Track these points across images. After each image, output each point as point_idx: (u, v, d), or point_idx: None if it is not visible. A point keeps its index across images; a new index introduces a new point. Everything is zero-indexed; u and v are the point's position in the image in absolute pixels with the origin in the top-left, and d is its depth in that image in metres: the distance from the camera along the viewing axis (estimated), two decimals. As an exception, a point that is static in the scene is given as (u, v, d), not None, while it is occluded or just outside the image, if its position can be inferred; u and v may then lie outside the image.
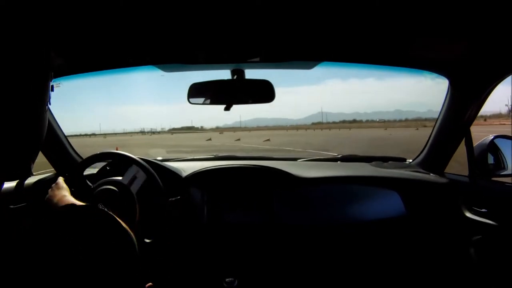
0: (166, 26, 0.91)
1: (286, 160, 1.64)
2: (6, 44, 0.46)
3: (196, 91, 1.23)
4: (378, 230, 1.33)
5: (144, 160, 1.22)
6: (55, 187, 1.00)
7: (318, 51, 1.14)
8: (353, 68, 1.30)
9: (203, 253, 1.32)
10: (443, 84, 1.29)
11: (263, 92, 1.23)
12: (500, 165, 1.25)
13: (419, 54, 1.13)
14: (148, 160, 1.28)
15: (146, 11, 0.82)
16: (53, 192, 0.98)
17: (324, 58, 1.21)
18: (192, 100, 1.24)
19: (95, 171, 1.30)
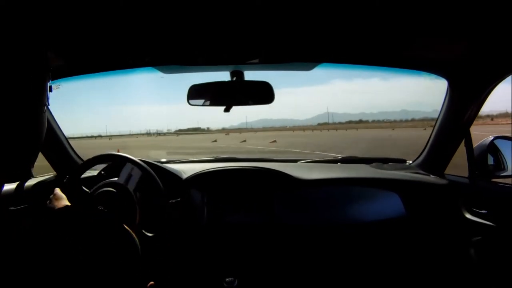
0: (166, 28, 0.92)
1: (286, 162, 1.65)
2: (3, 44, 0.46)
3: (196, 93, 1.24)
4: (378, 232, 1.33)
5: (145, 162, 1.23)
6: (53, 198, 1.00)
7: (317, 52, 1.15)
8: (357, 69, 1.30)
9: (204, 253, 1.33)
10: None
11: (262, 94, 1.24)
12: (500, 166, 1.24)
13: (418, 55, 1.13)
14: (148, 162, 1.28)
15: (146, 13, 0.82)
16: (52, 203, 0.98)
17: (323, 60, 1.22)
18: (191, 101, 1.25)
19: (95, 173, 1.32)
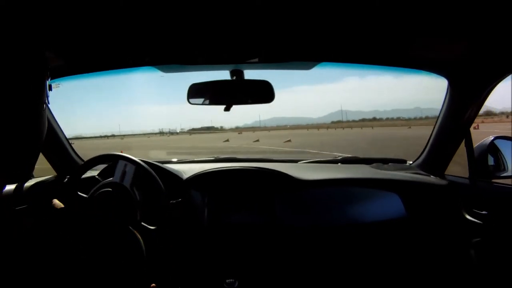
0: (166, 27, 0.92)
1: (286, 162, 1.65)
2: (2, 42, 0.46)
3: (196, 92, 1.24)
4: (379, 232, 1.33)
5: (145, 163, 1.23)
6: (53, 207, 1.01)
7: (317, 51, 1.15)
8: (359, 68, 1.28)
9: (204, 254, 1.32)
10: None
11: (262, 93, 1.24)
12: (500, 166, 1.24)
13: (418, 55, 1.13)
14: (149, 162, 1.29)
15: (146, 12, 0.82)
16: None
17: (323, 59, 1.22)
18: (191, 100, 1.25)
19: (96, 173, 1.32)
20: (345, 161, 1.66)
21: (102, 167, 1.35)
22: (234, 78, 1.25)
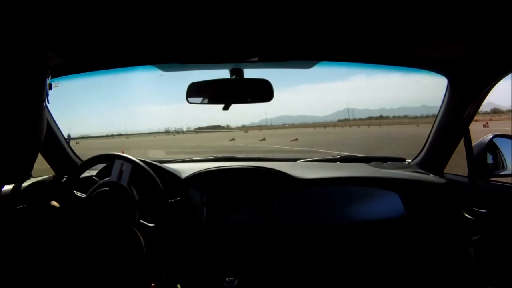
0: (165, 26, 0.92)
1: (285, 161, 1.65)
2: (3, 41, 0.46)
3: (195, 91, 1.24)
4: (378, 231, 1.33)
5: (143, 162, 1.23)
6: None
7: (317, 50, 1.14)
8: (358, 67, 1.28)
9: (203, 253, 1.32)
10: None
11: (261, 92, 1.23)
12: (499, 164, 1.24)
13: (418, 54, 1.13)
14: (147, 162, 1.28)
15: (146, 11, 0.82)
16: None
17: (323, 58, 1.21)
18: (190, 99, 1.24)
19: (94, 173, 1.32)
20: (344, 159, 1.66)
21: (100, 167, 1.34)
22: (234, 77, 1.25)
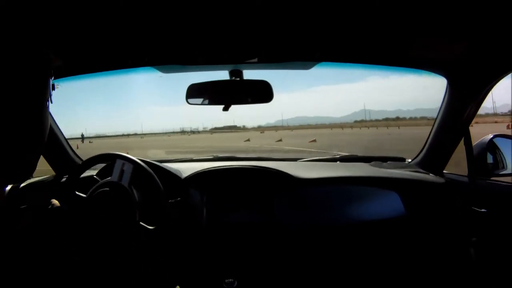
0: (165, 28, 0.92)
1: (285, 161, 1.65)
2: (5, 42, 0.46)
3: (195, 92, 1.24)
4: (378, 230, 1.33)
5: (144, 162, 1.23)
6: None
7: (316, 51, 1.14)
8: (357, 67, 1.28)
9: (203, 253, 1.32)
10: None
11: (261, 92, 1.24)
12: (499, 164, 1.24)
13: (418, 54, 1.13)
14: (147, 162, 1.28)
15: (145, 12, 0.82)
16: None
17: (323, 59, 1.21)
18: (190, 100, 1.25)
19: (94, 172, 1.32)
20: (344, 159, 1.67)
21: (100, 166, 1.35)
22: (233, 78, 1.25)
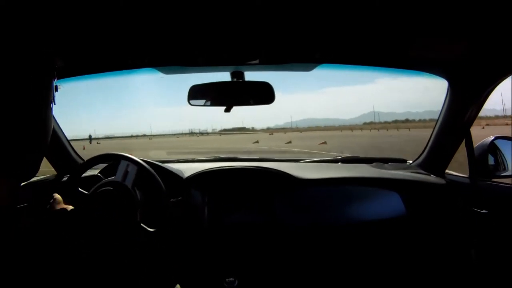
0: (166, 29, 0.92)
1: (287, 162, 1.65)
2: (8, 43, 0.46)
3: (196, 93, 1.24)
4: (379, 231, 1.33)
5: (146, 162, 1.23)
6: (53, 203, 1.01)
7: (317, 53, 1.14)
8: (360, 69, 1.29)
9: (204, 253, 1.33)
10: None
11: (262, 94, 1.24)
12: (500, 166, 1.24)
13: (418, 56, 1.13)
14: (149, 162, 1.29)
15: (146, 14, 0.82)
16: (52, 207, 0.99)
17: (323, 60, 1.22)
18: (192, 101, 1.25)
19: (96, 172, 1.32)
20: (345, 160, 1.67)
21: (103, 166, 1.35)
22: (235, 79, 1.25)
